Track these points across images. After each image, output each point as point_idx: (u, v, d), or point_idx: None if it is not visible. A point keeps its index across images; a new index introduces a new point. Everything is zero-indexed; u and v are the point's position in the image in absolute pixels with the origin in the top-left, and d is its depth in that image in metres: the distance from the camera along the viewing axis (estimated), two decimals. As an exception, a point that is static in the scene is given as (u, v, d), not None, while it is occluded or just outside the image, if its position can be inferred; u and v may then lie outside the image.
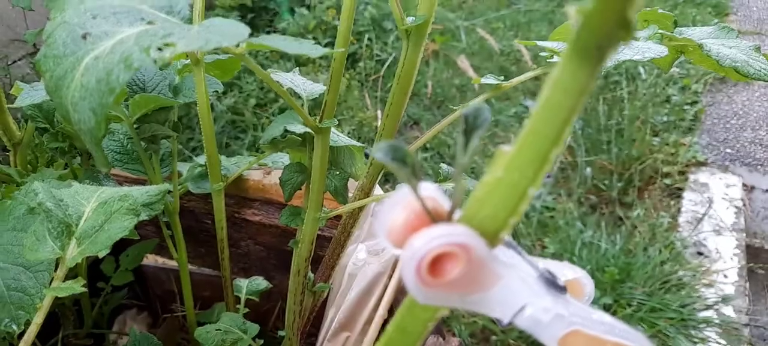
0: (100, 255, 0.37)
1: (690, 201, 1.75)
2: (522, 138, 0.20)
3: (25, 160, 0.74)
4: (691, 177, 1.85)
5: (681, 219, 1.69)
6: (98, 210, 0.40)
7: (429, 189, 0.22)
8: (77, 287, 0.36)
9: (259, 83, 2.32)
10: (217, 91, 0.58)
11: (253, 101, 2.24)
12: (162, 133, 0.59)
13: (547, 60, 0.57)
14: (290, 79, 0.60)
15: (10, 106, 0.69)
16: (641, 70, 2.37)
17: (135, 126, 0.60)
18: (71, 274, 0.46)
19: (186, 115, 2.25)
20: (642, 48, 0.51)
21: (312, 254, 0.57)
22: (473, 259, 0.21)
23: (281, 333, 0.62)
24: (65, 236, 0.38)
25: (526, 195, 0.20)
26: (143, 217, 0.40)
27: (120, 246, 0.79)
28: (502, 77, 0.56)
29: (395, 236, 0.22)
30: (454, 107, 0.55)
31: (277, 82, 0.53)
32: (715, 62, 0.53)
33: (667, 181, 1.84)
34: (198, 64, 0.53)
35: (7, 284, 0.44)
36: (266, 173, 0.83)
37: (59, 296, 0.36)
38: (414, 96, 2.42)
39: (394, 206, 0.22)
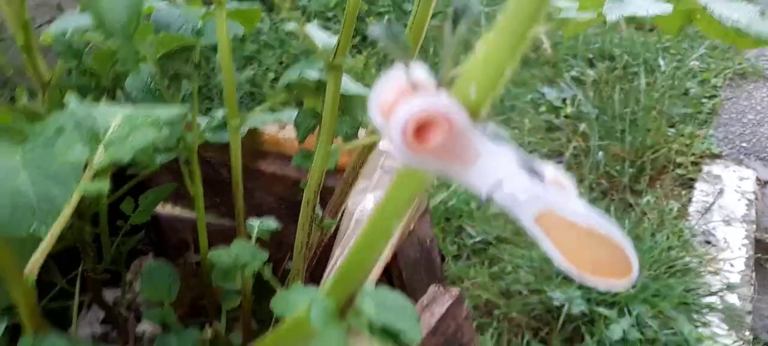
0: (125, 160, 0.41)
1: (701, 192, 1.75)
2: (501, 20, 0.23)
3: (53, 101, 0.78)
4: (705, 168, 1.85)
5: (691, 209, 1.69)
6: (124, 123, 0.43)
7: (419, 70, 0.24)
8: (103, 185, 0.39)
9: (278, 58, 2.35)
10: (237, 35, 0.61)
11: (271, 75, 2.27)
12: (184, 72, 0.62)
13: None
14: (308, 29, 0.63)
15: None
16: (661, 62, 2.36)
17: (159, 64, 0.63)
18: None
19: (205, 86, 2.30)
20: (646, 4, 0.53)
21: (321, 186, 0.60)
22: (455, 128, 0.23)
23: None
24: (93, 143, 0.42)
25: (503, 73, 0.23)
26: (164, 132, 0.44)
27: (139, 190, 0.83)
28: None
29: (386, 109, 0.24)
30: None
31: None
32: (718, 24, 0.54)
33: (680, 171, 1.84)
34: (220, 5, 0.56)
35: (37, 194, 0.48)
36: (281, 127, 0.86)
37: (86, 194, 0.40)
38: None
39: (385, 83, 0.24)
